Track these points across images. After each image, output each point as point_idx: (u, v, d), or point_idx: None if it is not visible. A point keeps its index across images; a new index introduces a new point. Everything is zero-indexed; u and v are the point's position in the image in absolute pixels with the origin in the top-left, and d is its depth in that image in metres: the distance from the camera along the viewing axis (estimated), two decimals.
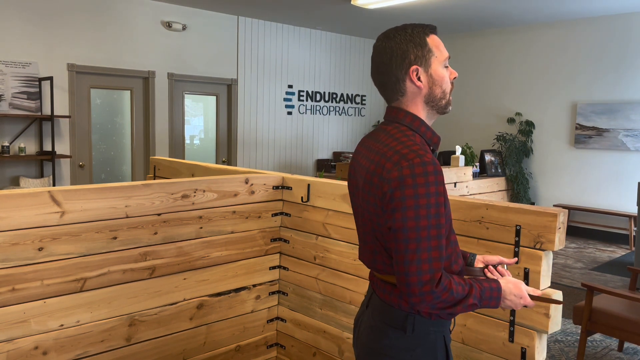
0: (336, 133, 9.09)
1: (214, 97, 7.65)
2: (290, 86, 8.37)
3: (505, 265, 1.54)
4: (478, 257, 1.57)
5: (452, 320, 1.49)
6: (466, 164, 6.72)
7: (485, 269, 1.53)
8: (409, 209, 1.25)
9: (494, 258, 1.54)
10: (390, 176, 1.29)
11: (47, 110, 5.91)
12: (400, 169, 1.27)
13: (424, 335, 1.40)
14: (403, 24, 1.44)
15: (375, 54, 1.44)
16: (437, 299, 1.27)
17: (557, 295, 1.87)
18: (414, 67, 1.39)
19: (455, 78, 1.45)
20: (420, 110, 1.42)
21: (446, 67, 1.43)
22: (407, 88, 1.41)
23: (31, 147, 5.94)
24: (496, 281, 1.38)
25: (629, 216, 6.80)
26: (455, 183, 6.18)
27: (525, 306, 1.40)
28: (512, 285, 1.38)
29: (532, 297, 1.42)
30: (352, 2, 6.43)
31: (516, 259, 1.56)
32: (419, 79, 1.39)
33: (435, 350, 1.41)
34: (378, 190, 1.33)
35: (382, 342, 1.42)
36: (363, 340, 1.48)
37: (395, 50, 1.39)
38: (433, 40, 1.43)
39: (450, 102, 1.45)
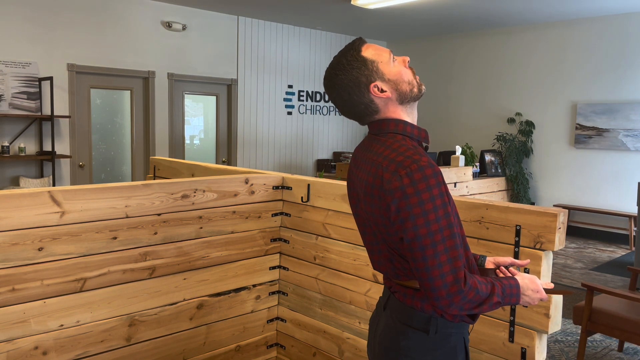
0: (336, 133, 9.09)
1: (214, 97, 7.65)
2: (290, 86, 8.37)
3: (518, 267, 1.55)
4: (489, 258, 1.56)
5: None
6: (466, 164, 6.72)
7: (497, 270, 1.53)
8: (417, 217, 1.26)
9: (506, 259, 1.54)
10: (391, 187, 1.29)
11: (47, 110, 5.91)
12: (400, 179, 1.27)
13: (445, 337, 1.40)
14: (335, 57, 1.46)
15: (332, 98, 1.47)
16: (465, 299, 1.27)
17: (557, 295, 1.87)
18: (371, 85, 1.41)
19: (408, 61, 1.46)
20: (399, 113, 1.44)
21: (394, 61, 1.45)
22: (377, 104, 1.43)
23: (31, 147, 5.94)
24: (513, 278, 1.40)
25: (629, 216, 6.80)
26: (455, 183, 6.18)
27: (542, 300, 1.43)
28: (528, 281, 1.41)
29: (546, 290, 1.45)
30: (352, 2, 6.43)
31: (528, 260, 1.55)
32: (382, 90, 1.41)
33: (455, 352, 1.42)
34: (382, 202, 1.33)
35: (402, 342, 1.41)
36: (380, 340, 1.48)
37: (347, 84, 1.41)
38: (368, 52, 1.44)
39: (420, 84, 1.45)
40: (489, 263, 1.55)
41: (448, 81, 8.81)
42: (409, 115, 1.47)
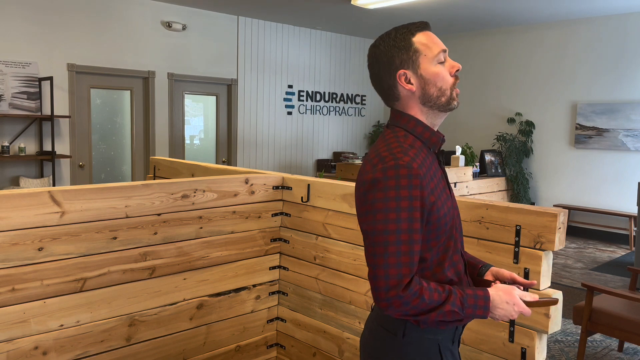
0: (336, 133, 9.09)
1: (214, 97, 7.65)
2: (290, 86, 8.37)
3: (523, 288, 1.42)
4: (492, 269, 1.49)
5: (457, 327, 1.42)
6: (466, 164, 6.72)
7: (493, 283, 1.41)
8: (378, 212, 1.24)
9: (507, 275, 1.45)
10: (365, 178, 1.30)
11: (47, 110, 5.91)
12: (374, 171, 1.27)
13: (417, 342, 1.36)
14: (393, 28, 1.42)
15: (368, 64, 1.46)
16: (407, 305, 1.23)
17: (557, 294, 1.87)
18: (401, 71, 1.37)
19: (458, 70, 1.39)
20: (417, 112, 1.39)
21: (441, 62, 1.38)
22: (400, 92, 1.39)
23: (31, 147, 5.94)
24: (484, 289, 1.31)
25: (629, 216, 6.80)
26: (455, 183, 6.18)
27: (523, 313, 1.31)
28: (502, 293, 1.30)
29: (527, 303, 1.34)
30: (352, 2, 6.43)
31: (534, 281, 1.42)
32: (409, 82, 1.37)
33: (428, 358, 1.37)
34: (357, 191, 1.34)
35: (376, 344, 1.41)
36: (362, 340, 1.49)
37: (382, 58, 1.38)
38: (420, 39, 1.38)
39: (453, 98, 1.38)
40: (489, 275, 1.48)
41: None
42: (428, 118, 1.41)
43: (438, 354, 1.36)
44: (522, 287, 1.39)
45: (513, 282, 1.43)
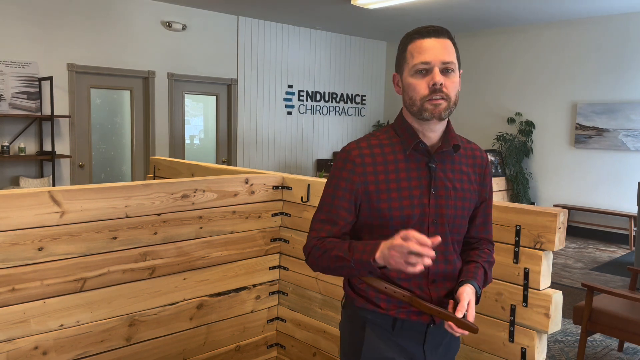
0: (336, 133, 9.09)
1: (214, 97, 7.65)
2: (290, 86, 8.37)
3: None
4: (463, 290, 1.42)
5: (397, 317, 1.46)
6: None
7: (451, 300, 1.43)
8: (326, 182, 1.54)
9: (462, 298, 1.41)
10: None
11: (47, 110, 5.91)
12: None
13: (353, 315, 1.54)
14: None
15: None
16: (311, 256, 1.47)
17: (558, 295, 1.87)
18: (395, 74, 1.51)
19: (435, 84, 1.39)
20: (405, 112, 1.50)
21: (422, 72, 1.40)
22: (398, 91, 1.52)
23: (31, 147, 5.94)
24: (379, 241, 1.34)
25: (629, 216, 6.80)
26: None
27: (418, 255, 1.22)
28: (393, 240, 1.27)
29: (449, 317, 1.36)
30: (352, 2, 6.43)
31: (464, 309, 1.38)
32: (398, 84, 1.50)
33: (357, 334, 1.51)
34: None
35: (342, 314, 1.64)
36: None
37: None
38: (412, 47, 1.43)
39: (425, 109, 1.41)
40: (460, 291, 1.43)
41: None
42: (414, 122, 1.48)
43: (362, 329, 1.50)
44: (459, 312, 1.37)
45: (458, 302, 1.40)
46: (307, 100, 8.62)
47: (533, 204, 7.52)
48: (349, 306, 1.56)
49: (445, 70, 1.41)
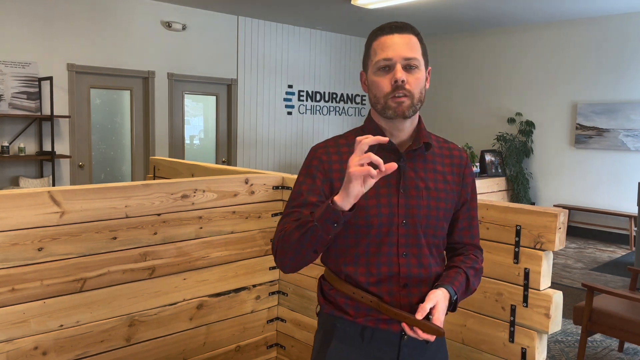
0: (336, 133, 9.07)
1: (214, 97, 7.64)
2: (290, 86, 8.37)
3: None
4: (434, 291, 1.36)
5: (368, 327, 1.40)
6: None
7: (421, 304, 1.33)
8: None
9: (426, 299, 1.34)
10: None
11: (46, 110, 5.91)
12: None
13: (324, 324, 1.50)
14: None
15: None
16: (277, 247, 1.37)
17: (558, 295, 1.87)
18: (362, 71, 1.49)
19: (396, 81, 1.35)
20: (374, 112, 1.48)
21: (385, 69, 1.37)
22: (364, 89, 1.49)
23: (31, 147, 5.94)
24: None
25: (629, 216, 6.80)
26: None
27: (374, 167, 1.17)
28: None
29: (411, 320, 1.28)
30: (352, 2, 6.43)
31: (426, 310, 1.31)
32: (365, 82, 1.47)
33: (325, 343, 1.47)
34: None
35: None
36: None
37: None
38: (377, 44, 1.40)
39: (388, 107, 1.37)
40: (428, 294, 1.36)
41: (448, 81, 8.81)
42: (380, 121, 1.45)
43: (330, 338, 1.46)
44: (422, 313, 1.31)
45: (421, 305, 1.33)
46: (307, 100, 8.62)
47: (533, 204, 7.52)
48: (321, 313, 1.52)
49: (409, 67, 1.37)
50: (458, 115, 8.70)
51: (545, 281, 1.89)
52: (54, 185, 5.94)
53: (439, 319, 1.30)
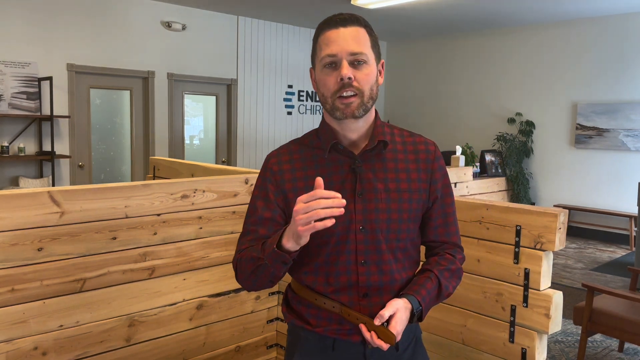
0: None
1: (214, 97, 7.64)
2: (290, 86, 8.37)
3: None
4: (394, 300, 1.29)
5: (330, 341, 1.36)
6: (466, 164, 6.71)
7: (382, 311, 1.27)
8: None
9: (385, 307, 1.28)
10: None
11: (46, 111, 5.91)
12: None
13: (289, 334, 1.47)
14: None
15: None
16: (237, 269, 1.35)
17: (558, 295, 1.87)
18: (310, 68, 1.39)
19: (342, 78, 1.26)
20: (325, 113, 1.37)
21: (331, 65, 1.28)
22: (314, 87, 1.39)
23: (30, 147, 5.94)
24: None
25: (629, 216, 6.80)
26: (455, 183, 6.17)
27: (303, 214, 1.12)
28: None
29: (369, 325, 1.26)
30: (352, 2, 6.43)
31: (385, 317, 1.25)
32: (315, 80, 1.36)
33: (290, 354, 1.45)
34: None
35: None
36: None
37: None
38: (322, 39, 1.30)
39: (336, 108, 1.29)
40: (389, 303, 1.29)
41: (448, 81, 8.81)
42: (332, 121, 1.36)
43: (294, 349, 1.43)
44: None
45: (381, 314, 1.27)
46: (307, 100, 8.62)
47: (533, 204, 7.52)
48: (287, 323, 1.47)
49: (356, 62, 1.27)
50: (458, 115, 8.70)
51: (545, 281, 1.89)
52: (53, 185, 5.93)
53: (394, 327, 1.23)
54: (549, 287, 1.90)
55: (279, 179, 1.36)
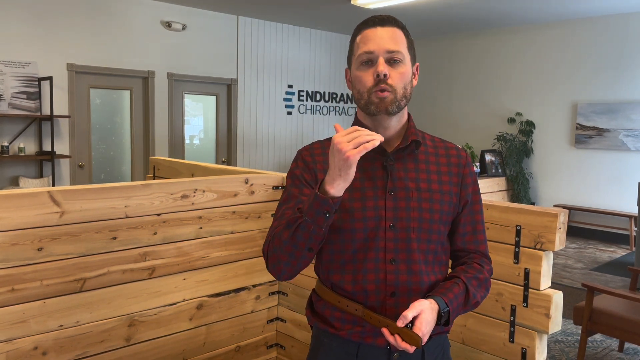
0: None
1: (214, 97, 7.64)
2: (290, 86, 8.37)
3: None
4: (420, 301, 1.23)
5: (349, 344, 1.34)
6: None
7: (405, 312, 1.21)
8: None
9: (410, 307, 1.21)
10: None
11: (46, 110, 5.91)
12: None
13: (313, 338, 1.46)
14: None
15: None
16: (268, 252, 1.30)
17: (558, 295, 1.87)
18: (347, 68, 1.42)
19: (378, 75, 1.28)
20: (359, 111, 1.41)
21: (367, 63, 1.31)
22: (348, 87, 1.43)
23: (31, 147, 5.94)
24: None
25: (629, 216, 6.80)
26: None
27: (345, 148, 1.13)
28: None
29: (393, 328, 1.19)
30: (352, 2, 6.43)
31: (408, 319, 1.19)
32: (349, 80, 1.40)
33: (310, 355, 1.44)
34: None
35: None
36: None
37: None
38: (360, 38, 1.34)
39: (371, 102, 1.31)
40: (412, 304, 1.22)
41: (448, 81, 8.81)
42: (366, 119, 1.39)
43: (317, 353, 1.42)
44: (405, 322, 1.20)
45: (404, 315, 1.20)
46: (307, 100, 8.62)
47: (533, 204, 7.52)
48: (312, 327, 1.46)
49: (392, 61, 1.30)
50: (458, 115, 8.70)
51: (545, 281, 1.89)
52: (53, 185, 5.93)
53: (419, 328, 1.17)
54: (549, 287, 1.90)
55: (312, 168, 1.38)
